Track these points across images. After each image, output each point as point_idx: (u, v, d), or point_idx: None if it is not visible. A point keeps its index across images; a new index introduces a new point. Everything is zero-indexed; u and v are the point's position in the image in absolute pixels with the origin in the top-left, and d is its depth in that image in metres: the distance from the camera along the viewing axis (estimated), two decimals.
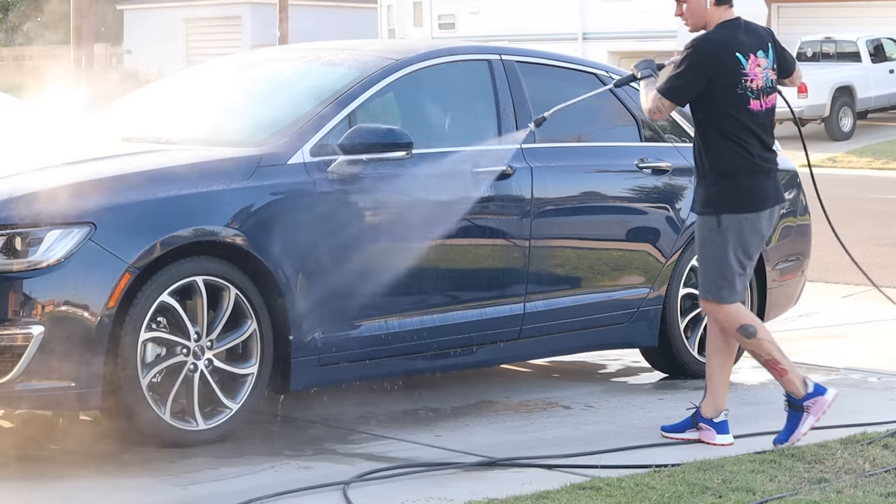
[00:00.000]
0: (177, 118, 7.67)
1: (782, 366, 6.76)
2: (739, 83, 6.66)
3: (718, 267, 6.70)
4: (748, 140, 6.68)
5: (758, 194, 6.71)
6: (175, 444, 6.42)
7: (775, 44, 6.87)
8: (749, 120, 6.68)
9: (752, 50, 6.72)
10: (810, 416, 6.70)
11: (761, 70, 6.72)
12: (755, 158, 6.70)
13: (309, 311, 6.74)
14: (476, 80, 7.71)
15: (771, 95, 6.77)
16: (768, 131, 6.80)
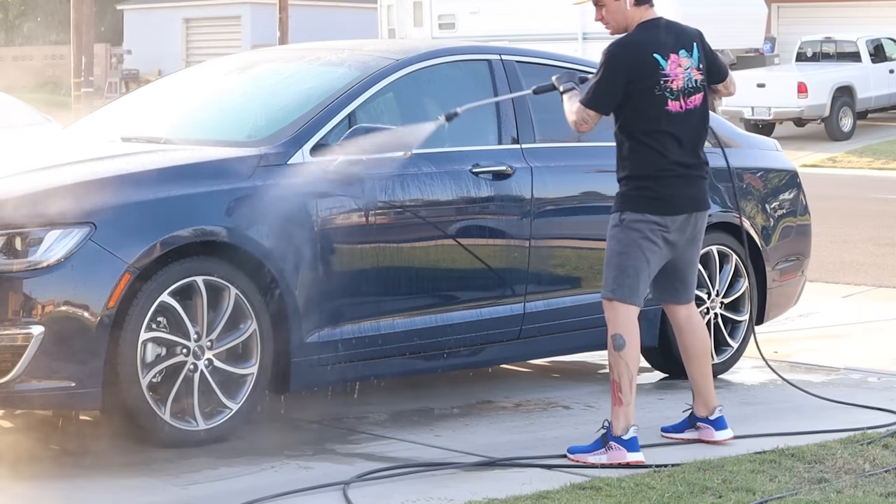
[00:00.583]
0: (177, 118, 7.67)
1: (622, 396, 6.44)
2: (658, 84, 6.51)
3: (617, 264, 6.52)
4: (664, 142, 6.52)
5: (668, 199, 6.54)
6: (175, 444, 6.42)
7: (702, 44, 6.69)
8: (666, 121, 6.52)
9: (674, 49, 6.57)
10: (605, 454, 6.39)
11: (683, 70, 6.56)
12: (669, 162, 6.53)
13: (309, 311, 6.74)
14: (476, 80, 7.72)
15: (695, 96, 6.59)
16: (692, 133, 6.60)
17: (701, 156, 6.68)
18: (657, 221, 6.52)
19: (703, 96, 6.66)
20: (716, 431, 6.78)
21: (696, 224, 6.68)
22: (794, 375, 8.51)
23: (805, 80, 28.75)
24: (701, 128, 6.67)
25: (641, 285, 6.53)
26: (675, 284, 6.77)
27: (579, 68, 8.22)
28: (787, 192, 8.85)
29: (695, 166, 6.63)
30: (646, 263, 6.53)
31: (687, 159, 6.59)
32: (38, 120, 20.11)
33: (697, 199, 6.65)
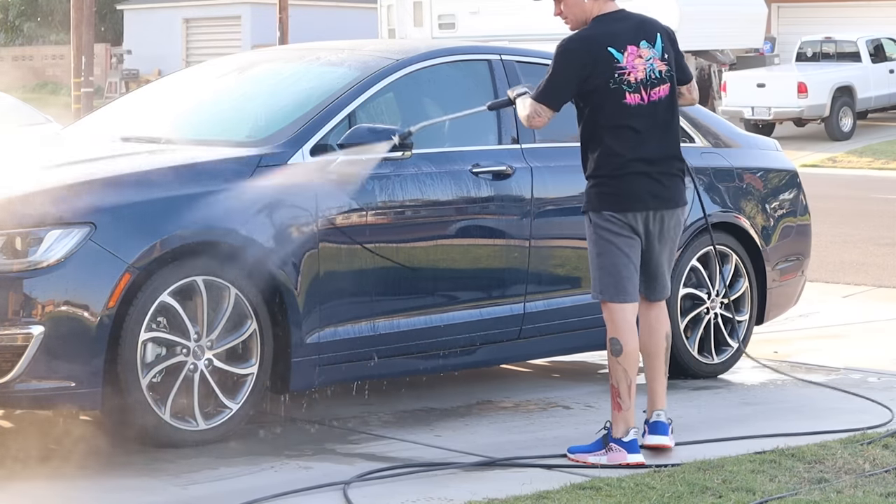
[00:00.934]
0: (177, 118, 7.67)
1: (621, 401, 6.40)
2: (612, 78, 6.38)
3: (597, 266, 6.48)
4: (623, 137, 6.40)
5: (626, 196, 6.42)
6: (175, 444, 6.43)
7: (669, 39, 6.56)
8: (625, 115, 6.39)
9: (632, 41, 6.44)
10: (605, 455, 6.35)
11: (643, 61, 6.43)
12: (627, 159, 6.40)
13: (309, 310, 6.74)
14: (476, 80, 7.72)
15: (660, 87, 6.45)
16: (658, 127, 6.45)
17: (670, 150, 6.50)
18: (619, 218, 6.43)
19: (671, 88, 6.50)
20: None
21: (664, 222, 6.50)
22: (794, 375, 8.52)
23: (805, 80, 28.76)
24: (670, 120, 6.50)
25: (626, 281, 6.44)
26: (645, 280, 6.59)
27: None
28: (787, 192, 8.85)
29: (660, 161, 6.46)
30: (625, 258, 6.44)
31: (650, 154, 6.43)
32: (38, 120, 20.11)
33: (661, 196, 6.47)
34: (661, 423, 6.59)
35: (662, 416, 6.61)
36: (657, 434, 6.57)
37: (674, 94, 6.53)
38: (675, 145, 6.54)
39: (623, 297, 6.44)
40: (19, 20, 54.29)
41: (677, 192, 6.54)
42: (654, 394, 6.63)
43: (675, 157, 6.55)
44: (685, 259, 8.14)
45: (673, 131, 6.54)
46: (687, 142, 8.37)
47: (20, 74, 49.64)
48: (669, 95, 6.51)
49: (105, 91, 44.93)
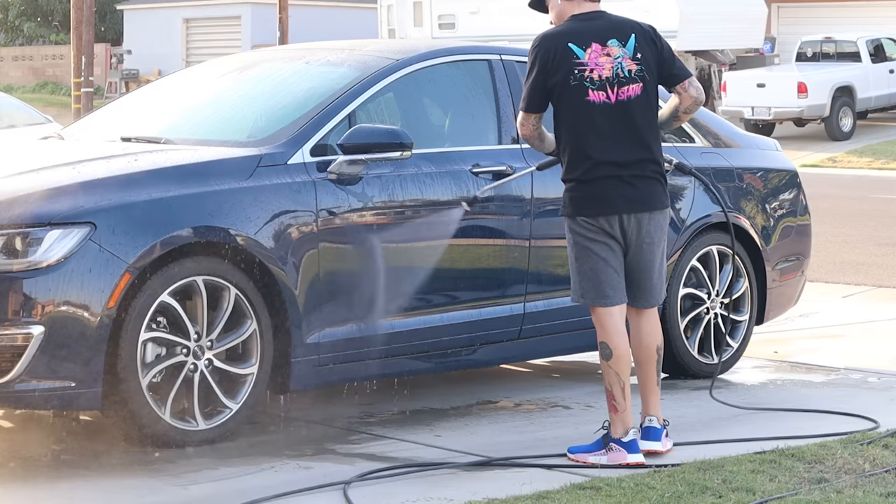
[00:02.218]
0: (177, 118, 7.67)
1: (616, 403, 6.39)
2: (572, 74, 6.28)
3: (576, 270, 6.42)
4: (588, 138, 6.30)
5: (599, 199, 6.32)
6: (175, 444, 6.43)
7: (647, 39, 6.38)
8: (588, 113, 6.29)
9: (598, 39, 6.31)
10: (605, 455, 6.33)
11: (610, 59, 6.30)
12: (595, 162, 6.30)
13: (309, 310, 6.74)
14: (476, 80, 7.72)
15: (629, 87, 6.31)
16: (627, 127, 6.32)
17: (644, 153, 6.36)
18: (591, 223, 6.35)
19: (643, 87, 6.35)
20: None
21: (642, 226, 6.38)
22: (794, 375, 8.53)
23: (805, 80, 28.77)
24: (641, 121, 6.35)
25: (604, 285, 6.37)
26: (628, 286, 6.48)
27: None
28: (787, 192, 8.85)
29: (632, 164, 6.34)
30: (602, 262, 6.37)
31: (622, 157, 6.32)
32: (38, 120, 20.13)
33: (634, 200, 6.34)
34: (654, 428, 6.56)
35: (655, 421, 6.57)
36: (649, 440, 6.53)
37: (648, 94, 6.38)
38: (649, 147, 6.38)
39: (604, 300, 6.38)
40: (19, 20, 54.28)
41: (652, 195, 6.40)
42: (645, 401, 6.60)
43: (650, 160, 6.38)
44: (685, 259, 8.14)
45: (647, 132, 6.38)
46: (687, 142, 8.37)
47: (20, 74, 49.64)
48: (642, 95, 6.35)
49: (105, 91, 44.93)
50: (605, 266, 6.38)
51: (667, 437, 6.60)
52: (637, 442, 6.41)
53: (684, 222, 8.13)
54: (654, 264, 6.48)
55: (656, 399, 6.60)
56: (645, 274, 6.48)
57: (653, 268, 6.49)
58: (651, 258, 6.46)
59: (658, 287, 6.54)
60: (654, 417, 6.58)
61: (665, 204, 6.47)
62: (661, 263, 6.52)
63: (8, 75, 50.13)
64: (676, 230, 8.10)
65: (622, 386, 6.39)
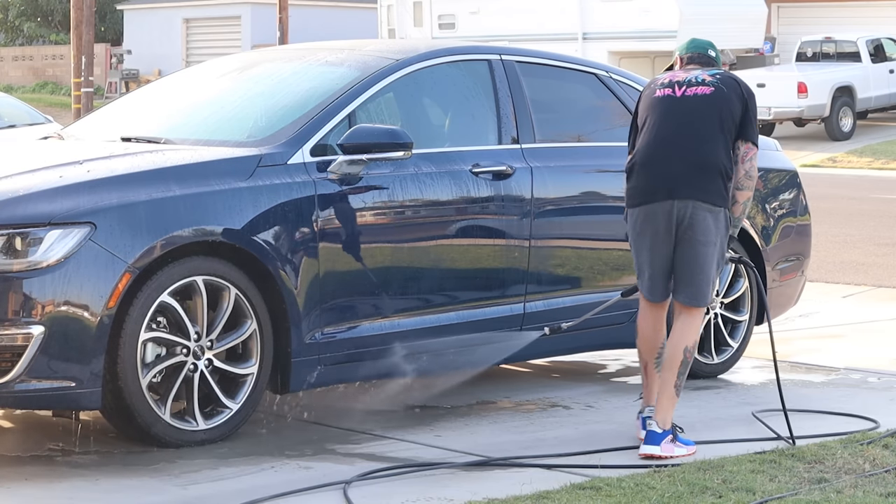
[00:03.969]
0: (177, 118, 7.67)
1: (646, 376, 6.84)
2: (649, 88, 6.83)
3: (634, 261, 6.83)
4: (648, 130, 6.66)
5: (638, 189, 6.66)
6: (175, 444, 6.43)
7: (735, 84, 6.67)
8: (652, 108, 6.69)
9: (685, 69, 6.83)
10: None
11: (689, 74, 6.73)
12: (646, 149, 6.64)
13: (309, 311, 6.74)
14: (476, 80, 7.72)
15: (697, 87, 6.64)
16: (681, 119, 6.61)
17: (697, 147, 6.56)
18: (634, 213, 6.69)
19: (713, 92, 6.60)
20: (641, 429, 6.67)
21: (684, 217, 6.53)
22: (794, 375, 8.52)
23: (805, 80, 28.77)
24: (700, 117, 6.58)
25: (649, 279, 6.67)
26: (675, 279, 6.66)
27: (579, 68, 8.25)
28: (787, 192, 8.84)
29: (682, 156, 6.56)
30: (646, 257, 6.67)
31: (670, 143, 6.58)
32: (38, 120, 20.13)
33: (673, 188, 6.54)
34: (651, 432, 6.52)
35: (655, 425, 6.53)
36: (647, 444, 6.52)
37: (716, 98, 6.61)
38: (704, 144, 6.57)
39: (646, 293, 6.79)
40: (19, 20, 54.28)
41: (698, 187, 6.54)
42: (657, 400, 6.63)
43: (702, 154, 6.56)
44: None
45: (704, 129, 6.58)
46: None
47: (20, 74, 49.64)
48: (709, 96, 6.61)
49: (105, 91, 44.93)
50: (650, 260, 6.68)
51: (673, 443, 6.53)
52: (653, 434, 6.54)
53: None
54: (695, 260, 6.57)
55: (666, 403, 6.58)
56: (687, 269, 6.60)
57: (694, 264, 6.58)
58: (692, 253, 6.56)
59: (701, 287, 6.60)
60: (656, 421, 6.54)
61: (713, 200, 6.55)
62: (707, 263, 6.58)
63: (8, 75, 50.13)
64: None
65: (644, 364, 6.85)
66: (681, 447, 6.53)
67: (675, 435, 6.57)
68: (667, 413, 6.55)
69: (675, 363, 6.58)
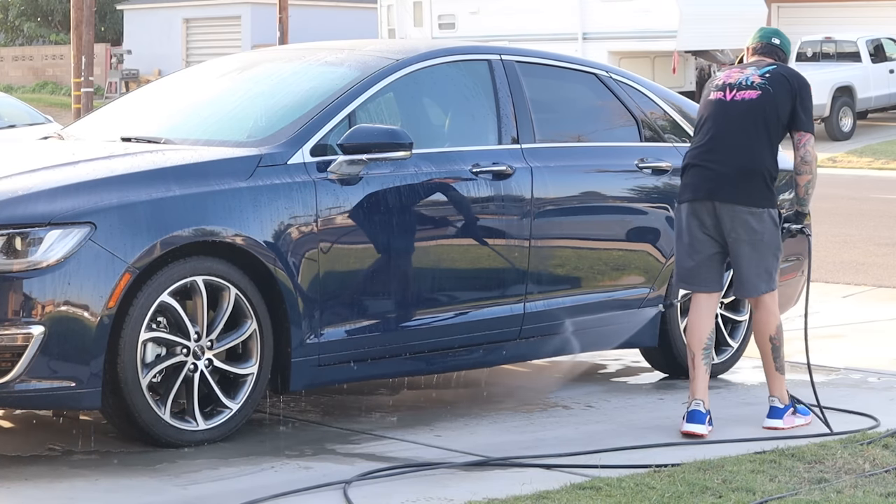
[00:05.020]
0: (177, 118, 7.67)
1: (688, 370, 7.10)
2: (710, 85, 7.20)
3: None
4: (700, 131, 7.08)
5: (686, 186, 7.08)
6: (175, 444, 6.43)
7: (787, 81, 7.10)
8: (706, 111, 7.09)
9: (741, 66, 7.19)
10: None
11: (742, 74, 7.10)
12: (696, 151, 7.06)
13: (309, 311, 6.74)
14: (476, 80, 7.71)
15: (747, 91, 7.02)
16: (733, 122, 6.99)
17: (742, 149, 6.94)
18: (681, 209, 7.10)
19: (760, 95, 6.99)
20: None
21: (725, 219, 6.95)
22: (794, 375, 8.52)
23: None
24: (748, 122, 6.96)
25: (687, 272, 7.08)
26: (733, 276, 7.18)
27: (580, 68, 8.24)
28: (788, 192, 8.83)
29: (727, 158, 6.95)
30: (683, 252, 7.09)
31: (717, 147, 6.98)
32: (38, 120, 20.13)
33: (713, 190, 6.95)
34: (774, 407, 7.11)
35: (776, 401, 7.11)
36: (770, 418, 7.09)
37: (764, 102, 6.98)
38: (750, 146, 6.95)
39: (682, 284, 7.23)
40: (19, 20, 54.28)
41: (739, 189, 6.94)
42: (768, 383, 7.20)
43: (742, 156, 6.95)
44: None
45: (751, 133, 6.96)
46: (687, 142, 8.37)
47: (20, 74, 49.64)
48: (757, 101, 6.99)
49: (105, 91, 44.93)
50: (689, 254, 7.07)
51: (794, 415, 7.10)
52: (697, 414, 6.89)
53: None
54: (743, 258, 7.00)
55: (775, 382, 7.14)
56: (736, 266, 7.08)
57: (742, 261, 7.01)
58: (739, 252, 7.00)
59: (752, 280, 7.04)
60: (776, 398, 7.11)
61: (753, 202, 6.96)
62: (755, 259, 7.00)
63: (8, 75, 50.13)
64: None
65: (692, 357, 7.04)
66: (800, 417, 7.12)
67: (795, 407, 7.13)
68: (781, 389, 7.11)
69: (766, 351, 7.15)
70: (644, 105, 8.31)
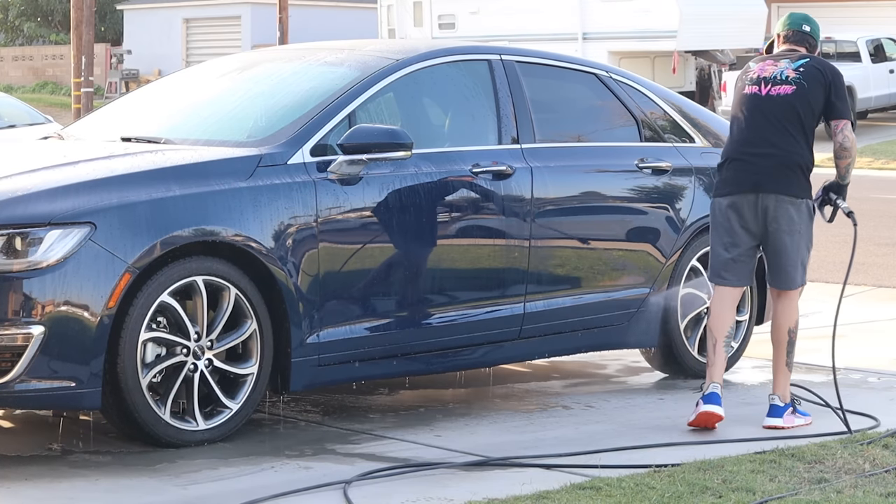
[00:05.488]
0: (177, 118, 7.67)
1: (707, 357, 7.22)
2: (742, 79, 7.31)
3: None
4: (737, 125, 7.19)
5: (726, 180, 7.16)
6: (175, 444, 6.43)
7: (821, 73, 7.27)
8: (742, 104, 7.20)
9: (773, 58, 7.30)
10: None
11: (776, 68, 7.22)
12: (735, 144, 7.17)
13: (309, 311, 6.74)
14: (476, 80, 7.71)
15: (782, 86, 7.14)
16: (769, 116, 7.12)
17: (780, 141, 7.09)
18: (719, 202, 7.18)
19: (795, 90, 7.11)
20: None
21: (769, 209, 7.05)
22: (794, 375, 8.51)
23: None
24: (784, 116, 7.09)
25: (721, 267, 7.18)
26: (768, 266, 7.24)
27: (580, 68, 8.24)
28: None
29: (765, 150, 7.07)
30: (720, 246, 7.18)
31: (756, 143, 7.08)
32: (38, 120, 20.14)
33: (758, 182, 7.06)
34: (775, 406, 7.11)
35: (777, 399, 7.13)
36: (770, 416, 7.09)
37: (800, 96, 7.13)
38: (787, 138, 7.12)
39: (716, 279, 7.25)
40: (19, 20, 54.29)
41: (779, 181, 7.07)
42: (773, 380, 7.22)
43: (784, 149, 7.11)
44: (685, 259, 8.15)
45: (788, 125, 7.12)
46: (687, 142, 8.38)
47: (20, 74, 49.65)
48: (792, 95, 7.12)
49: (105, 91, 44.94)
50: (724, 249, 7.17)
51: (793, 415, 7.10)
52: (715, 396, 6.98)
53: (684, 222, 8.13)
54: (783, 249, 7.11)
55: (781, 379, 7.17)
56: (775, 257, 7.16)
57: (782, 252, 7.12)
58: (779, 243, 7.11)
59: (790, 272, 7.15)
60: (777, 396, 7.13)
61: (794, 193, 7.11)
62: (794, 250, 7.12)
63: (8, 75, 50.14)
64: (676, 230, 8.12)
65: (713, 343, 7.15)
66: (800, 417, 7.12)
67: (794, 407, 7.15)
68: (784, 388, 7.14)
69: (781, 344, 7.19)
70: (644, 105, 8.31)
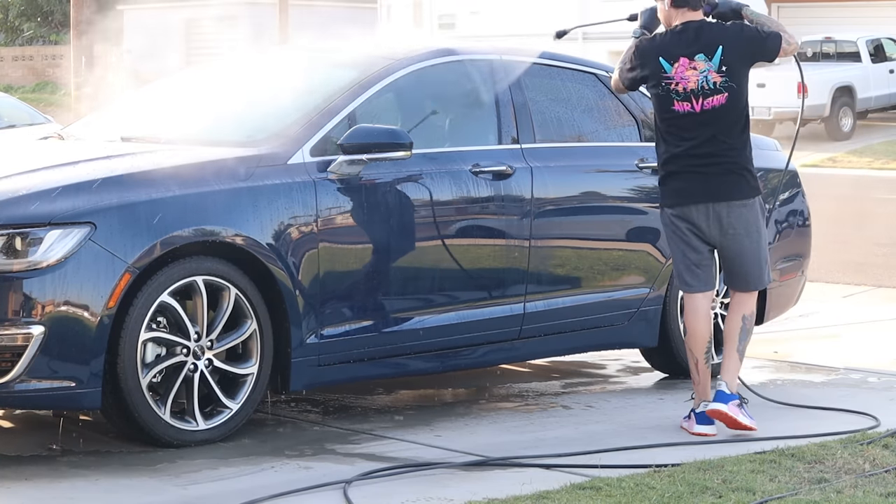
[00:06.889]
0: (176, 118, 7.67)
1: (692, 376, 7.07)
2: (660, 86, 6.93)
3: (672, 256, 7.14)
4: (674, 139, 6.94)
5: (679, 191, 6.97)
6: (175, 444, 6.43)
7: (732, 43, 6.89)
8: (672, 120, 6.93)
9: (687, 53, 6.88)
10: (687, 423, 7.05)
11: (697, 73, 6.89)
12: (678, 156, 6.94)
13: (309, 310, 6.74)
14: (476, 80, 7.71)
15: (714, 97, 6.88)
16: (710, 130, 6.88)
17: (723, 148, 6.90)
18: (676, 213, 6.99)
19: (728, 97, 6.88)
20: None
21: (722, 217, 6.91)
22: (794, 375, 8.53)
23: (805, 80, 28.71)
24: (723, 125, 6.89)
25: (686, 273, 7.01)
26: (724, 271, 7.13)
27: (580, 68, 8.24)
28: (787, 192, 8.84)
29: (710, 159, 6.89)
30: (681, 253, 7.01)
31: (700, 153, 6.90)
32: (38, 120, 20.15)
33: (710, 191, 6.90)
34: (720, 391, 6.92)
35: (723, 385, 6.92)
36: (715, 401, 6.91)
37: (733, 100, 6.88)
38: (730, 144, 6.91)
39: (685, 287, 7.05)
40: (19, 20, 54.27)
41: (730, 186, 6.92)
42: (722, 365, 7.05)
43: (729, 154, 6.91)
44: None
45: (725, 134, 6.91)
46: None
47: (20, 74, 49.66)
48: (727, 104, 6.89)
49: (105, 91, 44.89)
50: (685, 256, 7.01)
51: (739, 409, 6.88)
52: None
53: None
54: (743, 253, 6.99)
55: (730, 365, 7.01)
56: (736, 262, 7.03)
57: (742, 256, 7.00)
58: (739, 247, 6.98)
59: (753, 273, 7.03)
60: (724, 382, 6.94)
61: (745, 195, 6.94)
62: (754, 252, 7.00)
63: (8, 75, 50.12)
64: None
65: (695, 362, 7.00)
66: (745, 416, 6.90)
67: (741, 404, 6.94)
68: (733, 376, 6.99)
69: (734, 331, 7.04)
70: (644, 105, 8.30)
